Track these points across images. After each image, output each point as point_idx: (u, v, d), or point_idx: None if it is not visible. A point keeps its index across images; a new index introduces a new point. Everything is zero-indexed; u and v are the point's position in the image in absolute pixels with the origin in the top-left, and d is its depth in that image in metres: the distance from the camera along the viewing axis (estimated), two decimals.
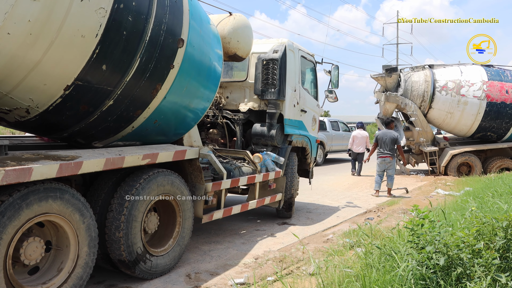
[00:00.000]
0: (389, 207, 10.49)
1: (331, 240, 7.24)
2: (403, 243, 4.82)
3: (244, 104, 8.86)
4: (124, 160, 4.99)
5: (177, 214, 5.96)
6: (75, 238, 4.47)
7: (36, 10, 3.84)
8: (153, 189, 5.43)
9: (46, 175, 4.07)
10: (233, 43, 7.41)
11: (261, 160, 8.12)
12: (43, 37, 4.00)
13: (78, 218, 4.47)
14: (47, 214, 4.18)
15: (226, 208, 7.24)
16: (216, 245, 7.11)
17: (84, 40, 4.29)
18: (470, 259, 3.90)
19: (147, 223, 5.51)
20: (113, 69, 4.71)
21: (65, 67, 4.33)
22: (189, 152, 6.11)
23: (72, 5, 4.06)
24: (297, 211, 10.01)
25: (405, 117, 17.98)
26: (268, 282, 5.21)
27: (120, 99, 4.99)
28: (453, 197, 10.76)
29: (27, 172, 3.88)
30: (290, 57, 8.86)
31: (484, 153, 17.17)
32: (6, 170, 3.70)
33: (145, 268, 5.33)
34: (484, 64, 17.02)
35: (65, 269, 4.41)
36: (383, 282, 4.11)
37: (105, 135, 5.38)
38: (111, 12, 4.36)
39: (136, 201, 5.19)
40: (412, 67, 17.58)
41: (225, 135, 8.87)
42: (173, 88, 5.57)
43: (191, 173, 6.39)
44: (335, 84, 10.73)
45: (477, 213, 5.02)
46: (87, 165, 4.52)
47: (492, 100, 16.03)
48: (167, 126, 6.12)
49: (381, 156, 12.43)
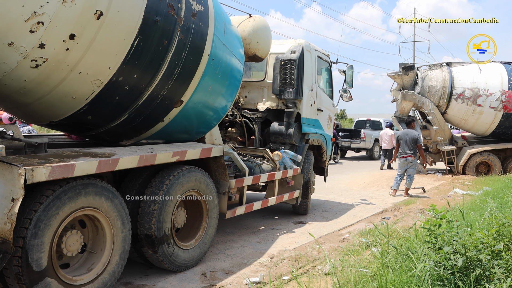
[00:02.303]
0: (406, 206, 10.41)
1: (347, 240, 7.21)
2: (420, 243, 4.77)
3: (262, 104, 9.06)
4: (156, 157, 5.24)
5: (203, 210, 6.18)
6: (111, 244, 4.72)
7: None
8: (183, 185, 5.68)
9: (87, 171, 4.33)
10: (253, 44, 7.50)
11: (281, 158, 8.26)
12: (82, 42, 4.20)
13: (119, 226, 4.78)
14: (97, 211, 4.53)
15: (248, 204, 7.42)
16: (232, 244, 7.11)
17: (118, 43, 4.50)
18: (489, 260, 3.84)
19: (176, 216, 5.71)
20: (144, 69, 4.90)
21: (99, 69, 4.51)
22: (214, 150, 6.32)
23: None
24: (313, 210, 10.00)
25: (422, 115, 17.80)
26: (283, 281, 5.20)
27: (149, 100, 5.18)
28: (471, 197, 10.65)
29: (71, 168, 4.14)
30: (307, 58, 9.02)
31: (504, 152, 16.88)
32: (52, 166, 3.95)
33: (167, 252, 5.42)
34: (504, 62, 16.72)
35: (94, 270, 4.58)
36: (399, 283, 4.06)
37: (133, 134, 5.62)
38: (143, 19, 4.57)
39: (174, 183, 5.50)
40: (430, 65, 17.39)
41: (244, 133, 9.06)
42: (199, 88, 5.72)
43: (216, 170, 6.59)
44: (349, 83, 10.86)
45: (496, 213, 4.97)
46: (123, 162, 4.78)
47: (509, 111, 15.89)
48: (190, 125, 6.28)
49: (402, 156, 12.25)
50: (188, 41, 5.23)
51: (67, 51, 4.12)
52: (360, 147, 24.89)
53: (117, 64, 4.54)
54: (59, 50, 4.07)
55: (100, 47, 4.33)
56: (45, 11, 3.80)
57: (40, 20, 3.81)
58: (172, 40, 5.00)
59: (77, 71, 4.33)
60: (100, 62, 4.46)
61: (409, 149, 12.18)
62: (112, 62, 4.52)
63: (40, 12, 3.78)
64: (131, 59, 4.62)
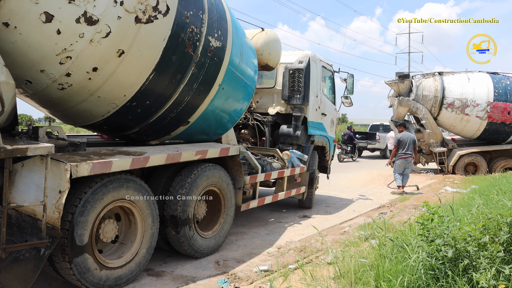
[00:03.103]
0: (401, 202, 10.38)
1: (347, 232, 7.21)
2: (414, 236, 4.79)
3: (272, 108, 9.24)
4: (181, 156, 5.43)
5: (222, 207, 6.31)
6: (140, 238, 4.90)
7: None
8: (208, 178, 5.89)
9: (122, 167, 4.51)
10: (265, 55, 7.67)
11: (289, 157, 8.40)
12: (103, 74, 4.46)
13: (150, 222, 4.98)
14: (134, 205, 4.75)
15: (260, 198, 7.55)
16: (243, 236, 7.14)
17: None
18: (476, 251, 3.85)
19: (198, 208, 5.87)
20: (156, 97, 5.11)
21: (116, 95, 4.76)
22: (232, 149, 6.46)
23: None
24: (316, 206, 10.01)
25: (416, 120, 17.76)
26: (289, 269, 5.21)
27: (161, 118, 5.37)
28: (460, 194, 10.60)
29: (109, 164, 4.33)
30: (313, 67, 9.20)
31: (490, 154, 16.87)
32: (93, 162, 4.15)
33: (188, 235, 5.54)
34: (490, 72, 16.67)
35: (123, 258, 4.77)
36: (395, 272, 4.08)
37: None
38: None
39: (200, 175, 5.73)
40: (423, 74, 17.35)
41: (255, 135, 9.25)
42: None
43: (232, 168, 6.71)
44: (350, 90, 11.00)
45: (483, 209, 4.97)
46: (153, 159, 4.96)
47: (493, 120, 16.03)
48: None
49: (403, 157, 12.14)
50: (201, 74, 5.41)
51: (89, 80, 4.40)
52: (375, 147, 26.06)
53: (131, 93, 4.78)
54: (83, 78, 4.36)
55: (118, 79, 4.57)
56: (74, 48, 4.07)
57: (68, 55, 4.09)
58: (185, 74, 5.20)
59: (96, 95, 4.63)
60: (117, 90, 4.70)
61: (409, 150, 12.15)
62: (128, 91, 4.76)
63: (69, 49, 4.06)
64: (145, 89, 4.83)
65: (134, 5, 4.31)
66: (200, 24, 5.13)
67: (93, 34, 4.09)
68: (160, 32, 4.65)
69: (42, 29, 3.85)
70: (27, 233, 3.90)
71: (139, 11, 4.36)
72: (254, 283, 4.83)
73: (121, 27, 4.27)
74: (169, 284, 4.93)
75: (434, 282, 3.81)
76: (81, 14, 3.95)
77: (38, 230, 3.83)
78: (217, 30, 5.45)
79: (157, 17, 4.55)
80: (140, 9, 4.36)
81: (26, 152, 3.57)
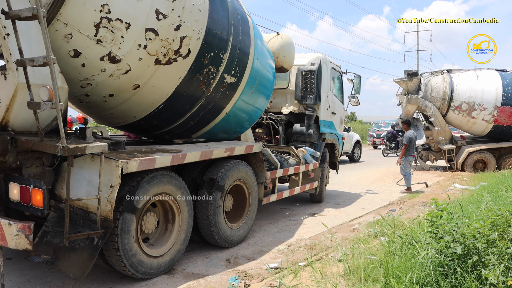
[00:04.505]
0: (410, 200, 10.33)
1: (357, 230, 7.19)
2: (423, 233, 4.75)
3: (286, 108, 9.52)
4: (213, 153, 5.75)
5: (247, 202, 6.61)
6: (178, 230, 5.22)
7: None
8: (239, 170, 6.26)
9: (164, 164, 4.81)
10: (281, 58, 8.09)
11: (304, 153, 8.66)
12: (117, 99, 4.97)
13: (187, 216, 5.29)
14: (175, 201, 5.08)
15: (279, 192, 7.83)
16: (253, 233, 7.13)
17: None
18: (485, 248, 3.82)
19: (226, 200, 6.16)
20: (162, 121, 5.55)
21: (127, 116, 5.31)
22: (255, 146, 6.75)
23: None
24: (326, 203, 10.01)
25: (425, 117, 17.61)
26: (299, 267, 5.21)
27: (203, 106, 5.67)
28: (469, 191, 10.52)
29: (153, 161, 4.62)
30: (324, 69, 9.45)
31: (498, 151, 16.67)
32: (140, 159, 4.44)
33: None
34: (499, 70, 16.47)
35: (162, 249, 5.07)
36: (404, 268, 4.07)
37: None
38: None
39: (232, 167, 6.08)
40: (432, 72, 17.23)
41: (270, 133, 9.54)
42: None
43: (254, 164, 6.95)
44: (357, 90, 11.23)
45: (491, 206, 4.93)
46: (189, 156, 5.28)
47: (499, 123, 15.98)
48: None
49: (412, 155, 12.07)
50: (210, 105, 5.73)
51: (105, 102, 4.96)
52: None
53: (140, 116, 5.32)
54: (99, 100, 4.92)
55: (130, 105, 5.04)
56: (95, 78, 4.57)
57: (89, 83, 4.61)
58: (194, 105, 5.56)
59: (110, 113, 5.23)
60: (128, 113, 5.26)
61: (414, 148, 12.11)
62: (137, 114, 5.30)
63: (90, 79, 4.57)
64: (153, 115, 5.30)
65: (156, 49, 4.66)
66: (219, 64, 5.43)
67: (113, 70, 4.54)
68: (177, 73, 5.02)
69: (69, 61, 4.34)
70: (79, 225, 4.22)
71: (161, 54, 4.72)
72: (265, 280, 4.83)
73: (141, 67, 4.66)
74: (180, 282, 4.94)
75: (443, 278, 3.78)
76: (105, 54, 4.39)
77: (91, 222, 4.17)
78: (235, 68, 5.74)
79: (177, 60, 4.90)
80: (162, 52, 4.72)
81: (85, 150, 3.80)
